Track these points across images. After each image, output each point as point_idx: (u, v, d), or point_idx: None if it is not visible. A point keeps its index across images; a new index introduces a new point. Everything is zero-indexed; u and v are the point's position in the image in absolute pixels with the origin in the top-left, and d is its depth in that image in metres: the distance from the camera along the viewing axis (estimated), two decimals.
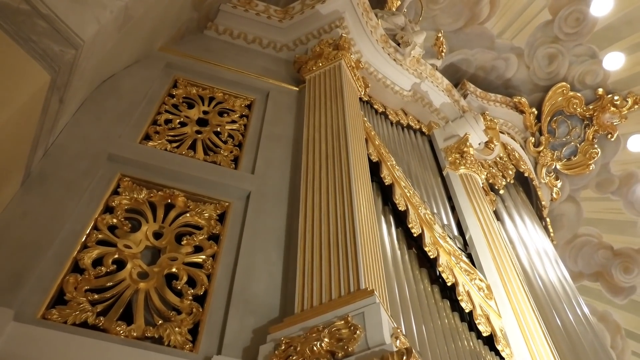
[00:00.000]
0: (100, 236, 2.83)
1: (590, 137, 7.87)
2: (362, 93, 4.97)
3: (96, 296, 2.55)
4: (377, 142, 4.58)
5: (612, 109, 7.56)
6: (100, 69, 3.50)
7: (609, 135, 7.76)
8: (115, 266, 2.73)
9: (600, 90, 7.66)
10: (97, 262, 2.71)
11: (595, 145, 7.86)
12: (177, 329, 2.52)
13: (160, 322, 2.56)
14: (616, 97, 7.54)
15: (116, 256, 2.77)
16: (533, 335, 3.91)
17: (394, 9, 6.87)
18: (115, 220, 2.94)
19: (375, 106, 5.65)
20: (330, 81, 4.43)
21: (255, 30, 5.24)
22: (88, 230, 2.81)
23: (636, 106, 7.49)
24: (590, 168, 7.89)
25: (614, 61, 7.41)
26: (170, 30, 4.50)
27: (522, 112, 7.72)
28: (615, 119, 7.64)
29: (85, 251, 2.71)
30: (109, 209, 3.01)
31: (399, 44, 6.02)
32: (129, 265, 2.75)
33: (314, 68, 4.67)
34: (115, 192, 3.11)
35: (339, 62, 4.64)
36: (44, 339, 2.22)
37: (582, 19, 7.23)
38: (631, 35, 7.12)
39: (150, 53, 4.30)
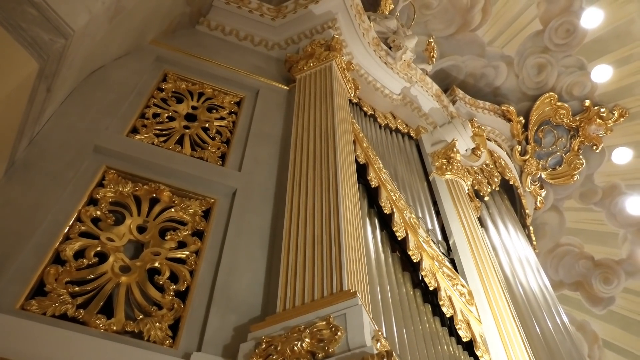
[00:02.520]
0: (83, 228, 2.80)
1: (576, 147, 7.94)
2: (352, 95, 4.97)
3: (77, 288, 2.53)
4: (365, 145, 4.59)
5: (598, 120, 7.63)
6: (89, 59, 3.47)
7: (594, 147, 7.84)
8: (97, 259, 2.71)
9: (587, 102, 7.73)
10: (79, 254, 2.69)
11: (581, 156, 7.93)
12: (157, 324, 2.51)
13: (140, 316, 2.54)
14: (602, 110, 7.61)
15: (98, 249, 2.75)
16: (512, 342, 3.94)
17: (386, 12, 6.89)
18: (99, 213, 2.92)
19: (365, 108, 5.66)
20: (321, 82, 4.42)
21: (248, 28, 5.22)
22: (71, 222, 2.78)
23: (622, 119, 7.56)
24: (575, 178, 7.96)
25: (601, 74, 7.48)
26: (162, 23, 4.47)
27: (509, 120, 7.77)
28: (601, 130, 7.71)
29: (67, 243, 2.69)
30: (93, 201, 2.99)
31: (390, 48, 6.04)
32: (111, 259, 2.73)
33: (305, 68, 4.67)
34: (100, 185, 3.08)
35: (330, 63, 4.64)
36: (22, 329, 2.20)
37: (572, 31, 7.30)
38: (619, 49, 7.20)
39: (140, 46, 4.27)
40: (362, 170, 4.30)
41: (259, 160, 3.70)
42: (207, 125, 3.96)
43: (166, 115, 3.87)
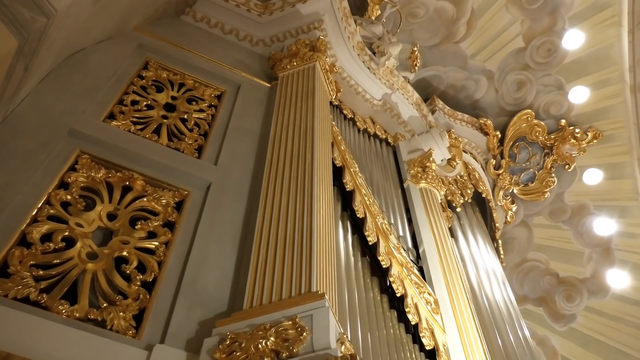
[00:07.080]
0: (52, 211, 2.75)
1: (549, 165, 8.06)
2: (333, 97, 4.98)
3: (41, 272, 2.49)
4: (342, 147, 4.60)
5: (572, 140, 7.76)
6: (70, 41, 3.41)
7: (567, 166, 7.97)
8: (64, 244, 2.66)
9: (563, 122, 7.85)
10: (46, 237, 2.64)
11: (553, 174, 8.05)
12: (121, 313, 2.48)
13: (105, 305, 2.51)
14: (577, 130, 7.74)
15: (66, 233, 2.70)
16: (474, 352, 3.98)
17: (373, 18, 6.92)
18: (69, 197, 2.87)
19: (345, 112, 5.68)
20: (303, 81, 4.42)
21: (233, 22, 5.19)
22: (40, 204, 2.73)
23: (595, 141, 7.70)
24: (546, 196, 8.08)
25: (579, 95, 7.61)
26: (146, 10, 4.42)
27: (486, 133, 7.85)
28: (574, 150, 7.84)
29: (34, 225, 2.64)
30: (64, 185, 2.94)
31: (374, 53, 6.06)
32: (78, 244, 2.69)
33: (288, 66, 4.66)
34: (72, 169, 3.03)
35: (313, 64, 4.64)
36: None
37: (554, 50, 7.41)
38: (598, 72, 7.32)
39: (123, 31, 4.21)
40: (338, 173, 4.30)
41: (236, 156, 3.68)
42: (185, 116, 3.93)
43: (145, 103, 3.83)
